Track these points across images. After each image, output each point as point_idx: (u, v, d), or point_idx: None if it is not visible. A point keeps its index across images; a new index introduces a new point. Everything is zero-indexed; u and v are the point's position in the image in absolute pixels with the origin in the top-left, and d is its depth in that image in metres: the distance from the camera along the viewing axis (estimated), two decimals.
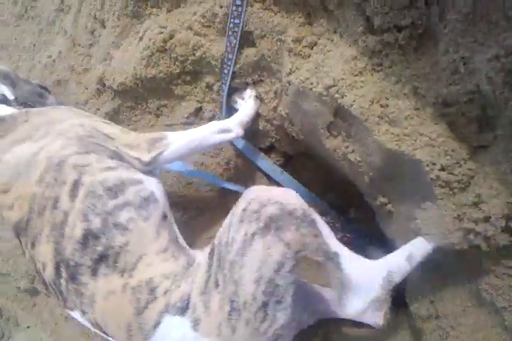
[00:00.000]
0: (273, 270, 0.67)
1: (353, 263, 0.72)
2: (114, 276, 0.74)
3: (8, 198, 0.78)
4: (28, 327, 1.41)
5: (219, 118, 1.22)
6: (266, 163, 1.24)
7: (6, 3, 1.59)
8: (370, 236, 1.10)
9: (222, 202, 1.21)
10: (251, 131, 1.16)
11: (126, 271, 0.75)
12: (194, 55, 1.15)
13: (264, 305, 0.68)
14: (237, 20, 1.06)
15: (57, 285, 0.77)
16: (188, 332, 0.72)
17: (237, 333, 0.69)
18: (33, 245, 0.77)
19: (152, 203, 0.83)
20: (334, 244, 0.71)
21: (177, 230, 0.89)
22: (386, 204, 0.89)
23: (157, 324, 0.73)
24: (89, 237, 0.75)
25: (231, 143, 1.22)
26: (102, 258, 0.74)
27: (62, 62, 1.42)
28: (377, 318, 0.82)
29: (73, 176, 0.78)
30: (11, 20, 1.58)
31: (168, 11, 1.20)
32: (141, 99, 1.28)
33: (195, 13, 1.13)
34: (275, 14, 1.04)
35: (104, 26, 1.29)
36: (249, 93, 1.12)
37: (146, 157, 0.89)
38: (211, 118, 1.24)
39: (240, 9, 1.05)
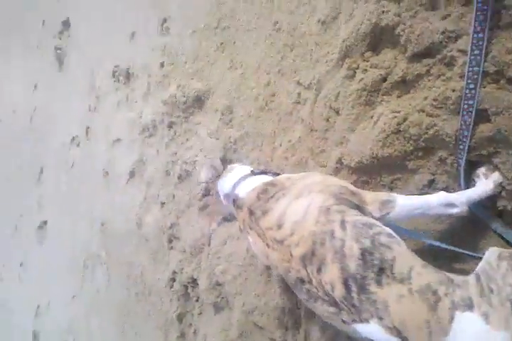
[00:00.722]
0: None
1: None
2: (396, 284, 0.92)
3: (295, 238, 1.07)
4: None
5: (452, 190, 1.29)
6: (498, 225, 1.24)
7: (249, 99, 1.95)
8: None
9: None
10: None
11: (404, 279, 0.92)
12: (427, 133, 1.26)
13: None
14: (470, 101, 1.15)
15: (349, 299, 0.95)
16: (482, 326, 0.84)
17: None
18: (319, 270, 1.01)
19: (396, 236, 1.04)
20: None
21: None
22: None
23: (451, 319, 0.85)
24: (365, 253, 0.97)
25: None
26: (381, 269, 0.94)
27: (301, 145, 1.67)
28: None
29: (339, 217, 1.04)
30: (254, 112, 1.92)
31: (399, 97, 1.35)
32: (375, 173, 1.43)
33: (426, 98, 1.26)
34: (510, 92, 1.10)
35: (338, 114, 1.50)
36: (485, 171, 1.18)
37: (377, 214, 1.13)
38: (444, 189, 1.30)
39: (473, 92, 1.14)
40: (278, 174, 1.34)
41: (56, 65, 4.09)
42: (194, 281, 2.23)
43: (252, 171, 1.35)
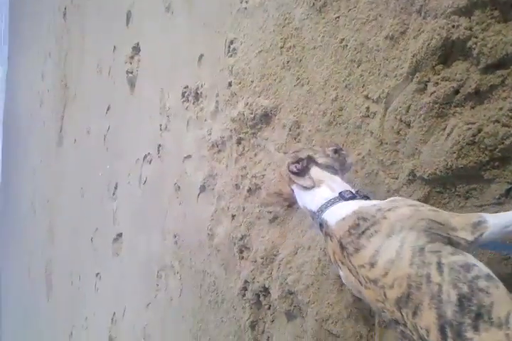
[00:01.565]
0: None
1: None
2: (494, 329, 0.91)
3: (389, 279, 1.06)
4: None
5: None
6: None
7: (317, 114, 2.02)
8: None
9: None
10: None
11: (502, 324, 0.91)
12: (503, 143, 1.27)
13: None
14: None
15: None
16: None
17: None
18: (414, 314, 1.01)
19: (494, 278, 1.01)
20: None
21: None
22: None
23: None
24: (463, 300, 0.96)
25: None
26: (478, 315, 0.93)
27: (371, 157, 1.71)
28: None
29: (434, 259, 1.03)
30: (322, 126, 1.99)
31: (472, 108, 1.37)
32: (449, 184, 1.45)
33: (501, 108, 1.27)
34: None
35: (409, 126, 1.54)
36: None
37: (470, 238, 1.11)
38: None
39: None
40: (367, 197, 1.32)
41: (127, 87, 4.35)
42: (266, 290, 2.30)
43: (340, 194, 1.30)
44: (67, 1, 7.21)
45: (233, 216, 2.59)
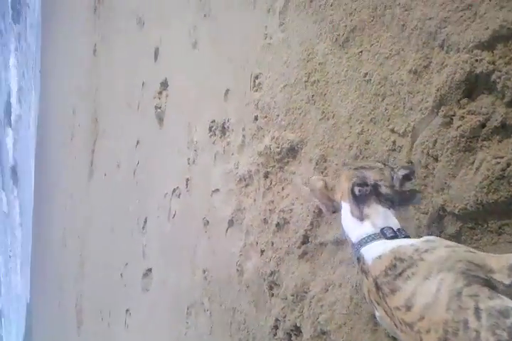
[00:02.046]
0: None
1: None
2: None
3: (425, 324, 1.03)
4: None
5: None
6: None
7: (343, 148, 2.02)
8: None
9: None
10: None
11: None
12: None
13: None
14: None
15: None
16: None
17: None
18: None
19: None
20: None
21: None
22: None
23: None
24: None
25: None
26: None
27: None
28: None
29: (472, 304, 0.99)
30: (348, 160, 1.98)
31: (500, 142, 1.34)
32: (481, 220, 1.41)
33: None
34: None
35: (437, 160, 1.51)
36: None
37: (507, 281, 1.06)
38: None
39: None
40: (408, 236, 1.28)
41: (156, 122, 4.46)
42: (297, 329, 2.24)
43: (382, 231, 1.27)
44: (97, 37, 7.54)
45: (262, 251, 2.57)
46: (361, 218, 1.32)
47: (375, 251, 1.22)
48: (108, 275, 6.00)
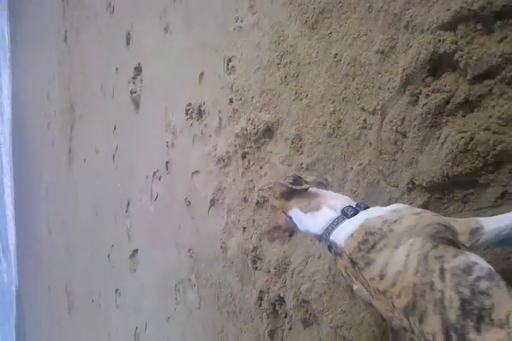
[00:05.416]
0: None
1: None
2: (495, 329, 0.96)
3: (396, 289, 1.10)
4: None
5: None
6: None
7: (317, 127, 2.10)
8: None
9: None
10: None
11: (503, 324, 0.96)
12: (495, 149, 1.34)
13: None
14: None
15: None
16: None
17: None
18: (420, 321, 1.05)
19: (495, 275, 1.05)
20: None
21: None
22: None
23: None
24: (465, 304, 1.00)
25: None
26: (480, 317, 0.97)
27: (371, 167, 1.78)
28: None
29: (437, 266, 1.07)
30: (323, 139, 2.06)
31: (463, 117, 1.43)
32: (447, 190, 1.51)
33: (490, 116, 1.33)
34: None
35: (405, 136, 1.60)
36: None
37: (468, 243, 1.15)
38: None
39: None
40: (367, 207, 1.31)
41: (132, 107, 4.45)
42: (281, 299, 2.36)
43: (343, 212, 1.30)
44: (67, 24, 7.37)
45: (244, 228, 2.66)
46: (316, 207, 1.34)
47: (345, 231, 1.24)
48: (95, 258, 6.07)
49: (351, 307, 1.85)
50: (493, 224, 1.18)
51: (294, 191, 1.37)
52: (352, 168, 1.90)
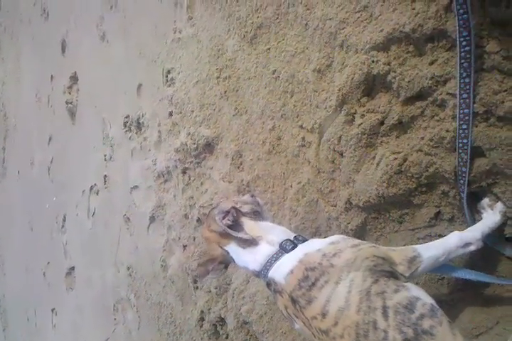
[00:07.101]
0: None
1: None
2: None
3: (339, 329, 1.05)
4: None
5: (457, 220, 1.36)
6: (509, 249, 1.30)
7: (256, 144, 2.06)
8: None
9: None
10: None
11: None
12: (427, 171, 1.34)
13: None
14: (465, 140, 1.23)
15: None
16: None
17: None
18: None
19: (437, 311, 1.04)
20: None
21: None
22: None
23: None
24: None
25: None
26: None
27: (310, 186, 1.76)
28: None
29: (380, 303, 1.04)
30: (262, 155, 2.02)
31: (397, 138, 1.43)
32: (383, 210, 1.51)
33: (422, 138, 1.34)
34: (501, 129, 1.18)
35: (342, 156, 1.59)
36: (489, 202, 1.24)
37: (407, 273, 1.14)
38: (451, 219, 1.38)
39: (466, 131, 1.22)
40: (305, 240, 1.27)
41: (68, 117, 4.26)
42: (222, 320, 2.30)
43: (281, 246, 1.24)
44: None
45: (184, 246, 2.58)
46: (255, 242, 1.28)
47: (284, 268, 1.19)
48: (30, 275, 5.75)
49: (292, 329, 1.82)
50: (430, 251, 1.18)
51: (232, 227, 1.30)
52: (291, 186, 1.88)
